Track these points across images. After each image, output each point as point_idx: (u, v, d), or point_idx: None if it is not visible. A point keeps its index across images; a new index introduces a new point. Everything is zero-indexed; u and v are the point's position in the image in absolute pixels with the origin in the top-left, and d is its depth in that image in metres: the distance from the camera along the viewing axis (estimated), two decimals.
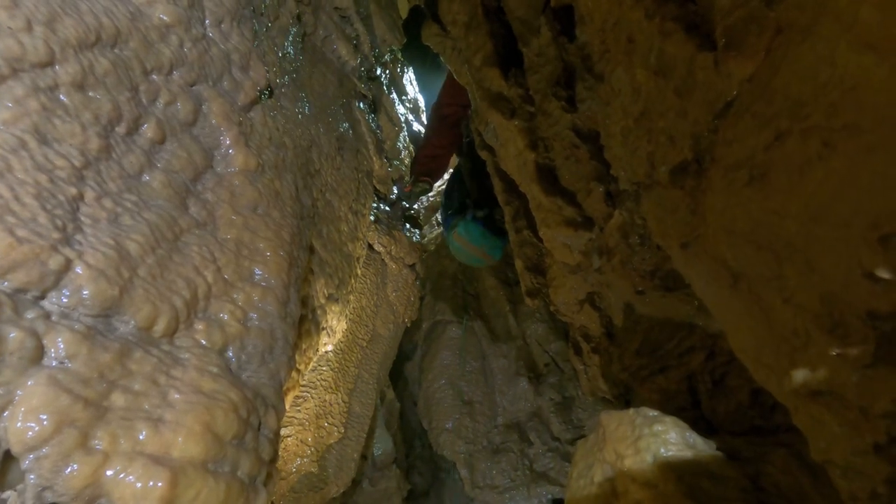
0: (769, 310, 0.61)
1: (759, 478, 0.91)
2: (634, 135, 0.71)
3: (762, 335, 0.68)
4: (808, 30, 0.37)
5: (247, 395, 0.83)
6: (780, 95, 0.42)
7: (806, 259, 0.48)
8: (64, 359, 0.64)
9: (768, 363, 0.68)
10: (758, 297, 0.63)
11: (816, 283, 0.48)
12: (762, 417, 1.07)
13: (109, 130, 0.88)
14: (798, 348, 0.57)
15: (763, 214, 0.48)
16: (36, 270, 0.65)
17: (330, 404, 2.26)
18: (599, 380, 1.68)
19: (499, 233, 2.75)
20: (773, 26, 0.41)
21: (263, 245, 1.09)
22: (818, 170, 0.40)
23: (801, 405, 0.56)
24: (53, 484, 0.58)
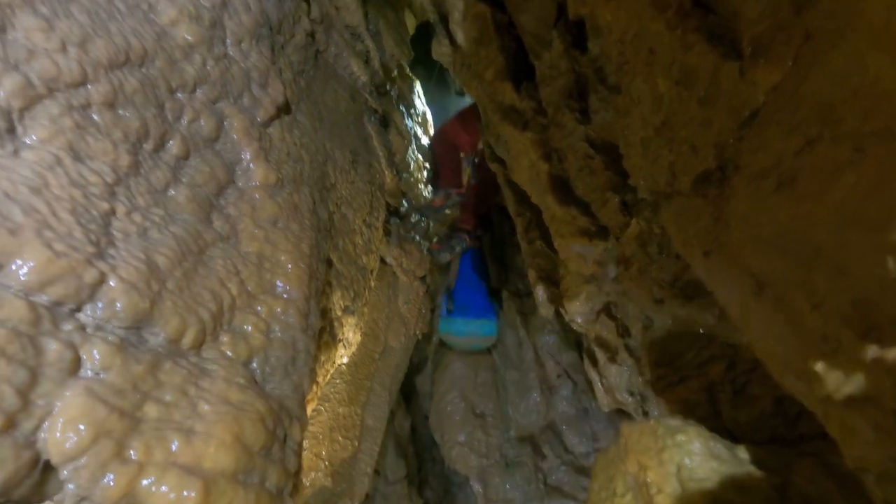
0: (797, 316, 0.61)
1: (785, 488, 0.89)
2: (655, 144, 0.72)
3: (790, 342, 0.68)
4: (838, 36, 0.38)
5: (273, 407, 0.83)
6: (808, 102, 0.43)
7: (837, 264, 0.48)
8: (99, 370, 0.65)
9: (797, 370, 0.68)
10: (785, 304, 0.63)
11: (848, 288, 0.48)
12: (786, 426, 1.06)
13: (138, 147, 0.90)
14: (828, 354, 0.57)
15: (791, 220, 0.49)
16: (73, 284, 0.66)
17: (343, 417, 2.26)
18: (616, 391, 1.67)
19: (482, 310, 2.74)
20: (802, 34, 0.42)
21: (284, 258, 1.10)
22: (850, 175, 0.41)
23: (834, 412, 0.56)
24: (91, 494, 0.58)
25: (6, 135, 0.70)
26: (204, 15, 1.15)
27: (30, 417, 0.56)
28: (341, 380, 2.19)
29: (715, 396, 1.23)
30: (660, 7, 0.60)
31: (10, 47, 0.73)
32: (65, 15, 0.83)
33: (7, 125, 0.70)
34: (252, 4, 1.36)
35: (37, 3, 0.79)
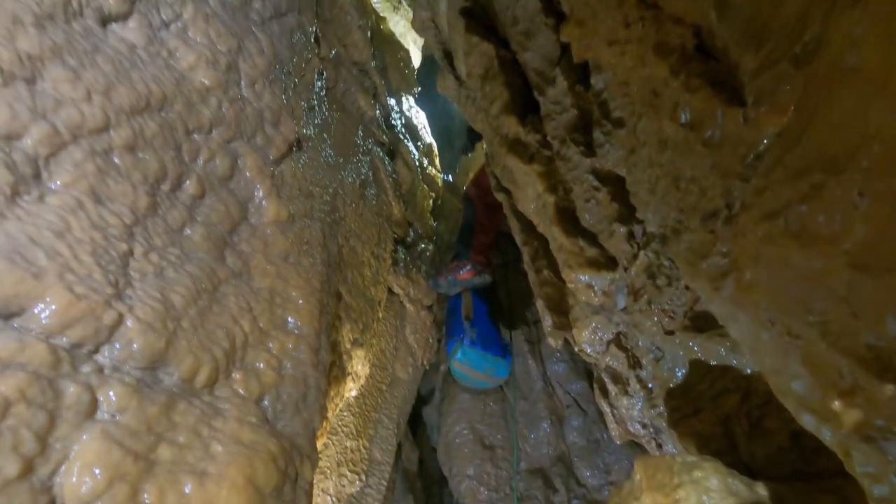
0: (812, 353, 0.61)
1: None
2: (662, 183, 0.73)
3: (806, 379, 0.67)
4: (838, 89, 0.40)
5: (284, 446, 0.83)
6: (812, 150, 0.44)
7: (849, 306, 0.49)
8: (115, 412, 0.65)
9: (814, 407, 0.67)
10: (798, 341, 0.63)
11: (862, 329, 0.48)
12: (804, 461, 1.04)
13: (156, 188, 0.93)
14: (846, 392, 0.56)
15: (802, 262, 0.50)
16: (92, 325, 0.68)
17: (351, 451, 2.23)
18: (628, 422, 1.64)
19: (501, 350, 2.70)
20: (802, 84, 0.43)
21: (295, 293, 1.11)
22: (857, 220, 0.42)
23: (855, 448, 0.55)
24: None
25: (32, 181, 0.73)
26: (220, 59, 1.20)
27: (47, 462, 0.57)
28: (349, 412, 2.17)
29: (730, 429, 1.20)
30: (662, 53, 0.62)
31: (38, 98, 0.77)
32: (91, 65, 0.87)
33: (33, 171, 0.73)
34: (265, 48, 1.41)
35: (65, 55, 0.83)
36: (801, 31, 0.42)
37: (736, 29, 0.50)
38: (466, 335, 2.67)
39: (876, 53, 0.35)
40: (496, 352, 2.73)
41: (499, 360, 2.72)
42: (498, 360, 2.72)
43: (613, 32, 0.76)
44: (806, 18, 0.42)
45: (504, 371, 2.79)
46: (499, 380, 2.84)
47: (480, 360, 2.67)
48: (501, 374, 2.79)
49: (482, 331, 2.76)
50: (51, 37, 0.82)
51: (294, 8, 1.66)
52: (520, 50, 1.57)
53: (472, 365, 2.69)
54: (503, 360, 2.75)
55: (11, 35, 0.75)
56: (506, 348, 2.86)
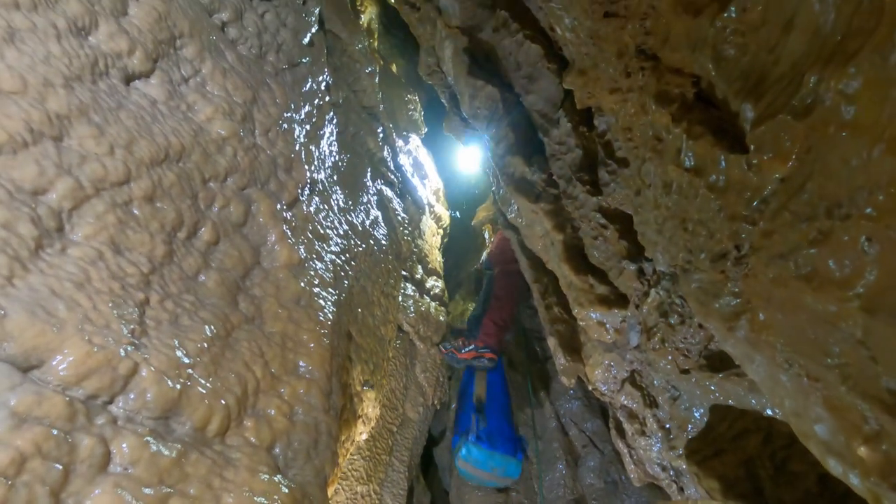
0: (832, 397, 0.60)
1: None
2: (669, 224, 0.74)
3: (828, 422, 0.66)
4: (837, 140, 0.41)
5: (296, 496, 0.81)
6: (816, 196, 0.45)
7: (867, 350, 0.48)
8: (128, 465, 0.65)
9: (839, 452, 0.66)
10: (818, 383, 0.62)
11: (882, 374, 0.48)
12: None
13: (172, 236, 0.95)
14: (871, 438, 0.55)
15: (816, 305, 0.50)
16: (108, 376, 0.68)
17: (362, 497, 2.16)
18: (647, 464, 1.59)
19: (511, 447, 2.51)
20: (803, 134, 0.44)
21: (307, 337, 1.11)
22: (868, 265, 0.42)
23: (886, 497, 0.53)
24: None
25: (55, 234, 0.75)
26: (236, 110, 1.25)
27: None
28: (359, 456, 2.12)
29: (754, 472, 1.16)
30: (664, 101, 0.64)
31: (64, 154, 0.80)
32: (114, 121, 0.91)
33: (57, 225, 0.75)
34: (279, 97, 1.47)
35: (91, 113, 0.87)
36: (798, 85, 0.43)
37: (734, 81, 0.52)
38: (472, 430, 2.48)
39: (871, 108, 0.37)
40: (506, 449, 2.52)
41: (508, 458, 2.51)
42: (507, 458, 2.51)
43: (615, 81, 0.79)
44: (801, 74, 0.43)
45: (514, 471, 2.55)
46: (508, 480, 2.62)
47: (487, 458, 2.46)
48: (511, 473, 2.56)
49: (493, 424, 2.56)
50: (78, 96, 0.86)
51: (306, 57, 1.74)
52: (523, 93, 1.62)
53: (477, 465, 2.48)
54: (513, 458, 2.53)
55: (42, 97, 0.80)
56: (517, 444, 2.63)
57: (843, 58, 0.38)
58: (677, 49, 0.62)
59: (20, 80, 0.78)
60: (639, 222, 0.86)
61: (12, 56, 0.78)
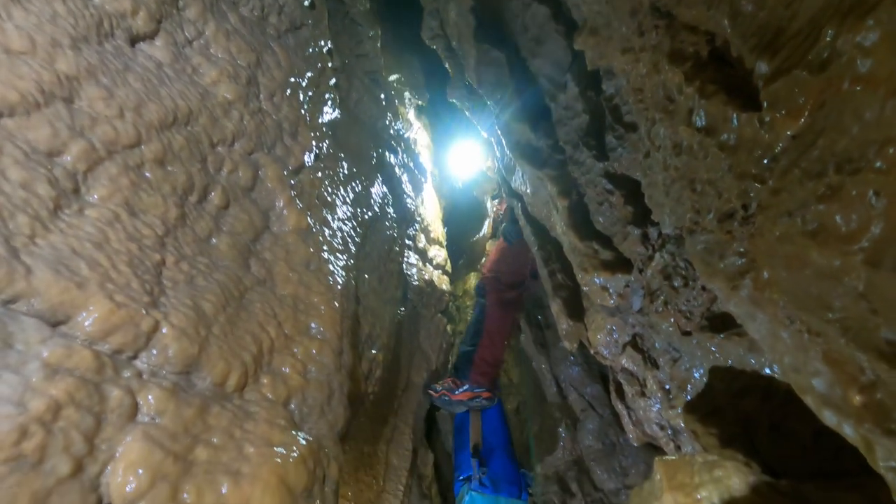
0: (832, 350, 0.62)
1: None
2: (678, 185, 0.75)
3: (825, 375, 0.68)
4: (852, 94, 0.41)
5: (312, 448, 0.85)
6: (828, 152, 0.45)
7: (868, 302, 0.50)
8: (154, 415, 0.68)
9: (836, 404, 0.68)
10: (818, 338, 0.64)
11: (881, 324, 0.50)
12: (828, 461, 1.04)
13: (184, 200, 0.96)
14: (867, 387, 0.57)
15: (820, 260, 0.51)
16: (131, 332, 0.71)
17: (368, 456, 2.24)
18: (646, 424, 1.64)
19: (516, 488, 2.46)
20: (817, 89, 0.45)
21: (317, 299, 1.14)
22: (874, 218, 0.43)
23: (878, 443, 0.56)
24: None
25: (72, 195, 0.76)
26: (241, 74, 1.24)
27: (95, 462, 0.59)
28: (366, 417, 2.19)
29: (751, 430, 1.21)
30: (677, 60, 0.64)
31: (76, 116, 0.81)
32: (122, 83, 0.91)
33: (73, 186, 0.76)
34: (283, 61, 1.45)
35: (99, 75, 0.87)
36: (815, 40, 0.43)
37: (750, 37, 0.52)
38: (474, 476, 2.43)
39: (887, 61, 0.37)
40: (510, 492, 2.50)
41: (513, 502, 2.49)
42: (512, 502, 2.49)
43: (627, 41, 0.78)
44: (819, 28, 0.43)
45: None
46: None
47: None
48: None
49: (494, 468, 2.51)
50: (86, 57, 0.86)
51: (308, 20, 1.70)
52: (530, 57, 1.60)
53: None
54: (518, 501, 2.52)
55: (51, 57, 0.79)
56: (521, 482, 2.61)
57: (861, 11, 0.38)
58: (693, 6, 0.61)
59: (28, 40, 0.77)
60: (647, 185, 0.87)
61: (19, 15, 0.78)
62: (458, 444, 2.72)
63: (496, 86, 1.76)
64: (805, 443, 1.06)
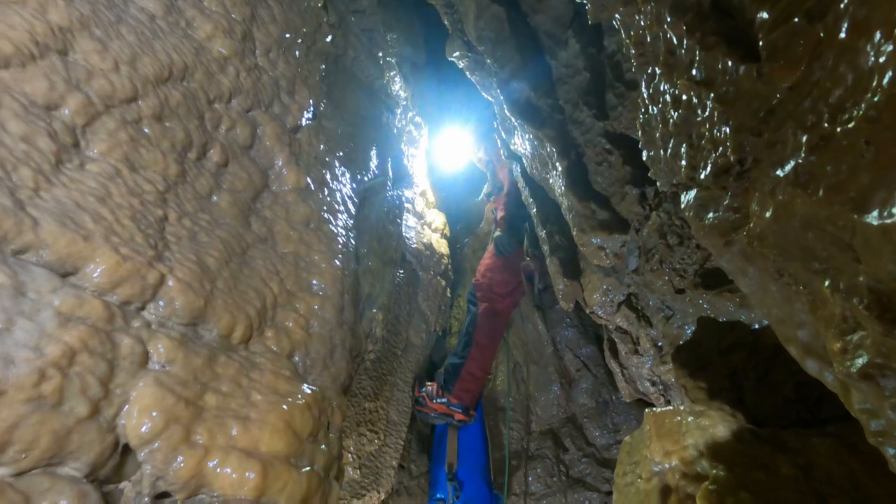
0: (817, 300, 0.64)
1: (809, 467, 0.92)
2: (675, 141, 0.75)
3: (810, 325, 0.71)
4: (849, 42, 0.42)
5: (317, 397, 0.89)
6: (822, 103, 0.46)
7: (853, 252, 0.52)
8: (165, 363, 0.71)
9: (818, 352, 0.71)
10: (803, 287, 0.66)
11: (864, 272, 0.52)
12: (808, 410, 1.09)
13: (183, 156, 0.96)
14: (847, 332, 0.60)
15: (809, 211, 0.52)
16: (138, 284, 0.72)
17: (369, 412, 2.32)
18: (637, 381, 1.70)
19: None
20: (815, 39, 0.45)
21: (318, 257, 1.16)
22: (863, 168, 0.44)
23: (855, 386, 0.59)
24: (165, 474, 0.64)
25: (72, 149, 0.76)
26: (236, 28, 1.21)
27: (111, 405, 0.62)
28: (367, 375, 2.25)
29: (738, 383, 1.25)
30: (679, 11, 0.63)
31: (71, 69, 0.80)
32: (116, 36, 0.89)
33: (73, 140, 0.77)
34: (277, 15, 1.42)
35: (92, 27, 0.85)
36: None
37: None
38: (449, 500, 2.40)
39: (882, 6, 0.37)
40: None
41: None
42: None
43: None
44: None
45: None
46: None
47: None
48: None
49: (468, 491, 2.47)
50: (78, 8, 0.84)
51: None
52: (531, 12, 1.56)
53: None
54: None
55: (42, 7, 0.78)
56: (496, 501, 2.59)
57: None
58: None
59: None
60: (644, 142, 0.88)
61: None
62: (436, 457, 2.70)
63: (496, 43, 1.72)
64: (788, 394, 1.10)
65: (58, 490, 0.54)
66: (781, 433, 1.02)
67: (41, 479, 0.54)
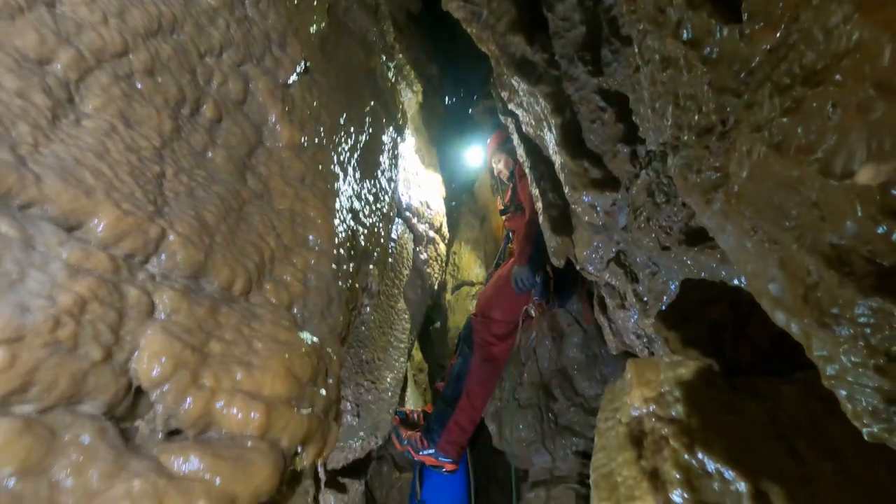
0: (786, 257, 0.68)
1: (776, 411, 1.00)
2: (663, 99, 0.77)
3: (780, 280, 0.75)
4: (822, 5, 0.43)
5: (315, 345, 0.94)
6: (797, 65, 0.48)
7: (819, 210, 0.55)
8: (170, 312, 0.75)
9: (786, 305, 0.76)
10: (776, 246, 0.70)
11: (827, 230, 0.55)
12: (780, 362, 1.15)
13: (177, 112, 0.97)
14: (811, 286, 0.64)
15: (781, 171, 0.55)
16: (140, 238, 0.75)
17: (366, 363, 2.41)
18: (624, 334, 1.77)
19: None
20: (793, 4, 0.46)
21: (314, 213, 1.18)
22: (830, 130, 0.46)
23: (815, 334, 0.64)
24: (176, 413, 0.70)
25: (67, 105, 0.77)
26: None
27: (122, 350, 0.67)
28: (364, 327, 2.33)
29: (718, 336, 1.32)
30: None
31: (60, 21, 0.79)
32: None
33: (67, 96, 0.77)
34: None
35: None
36: None
37: None
38: None
39: None
40: None
41: None
42: None
43: None
44: None
45: None
46: None
47: None
48: None
49: None
50: None
51: None
52: None
53: None
54: None
55: None
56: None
57: None
58: None
59: None
60: (634, 100, 0.89)
61: None
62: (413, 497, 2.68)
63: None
64: (762, 347, 1.17)
65: (79, 424, 0.59)
66: (754, 381, 1.08)
67: (63, 415, 0.59)
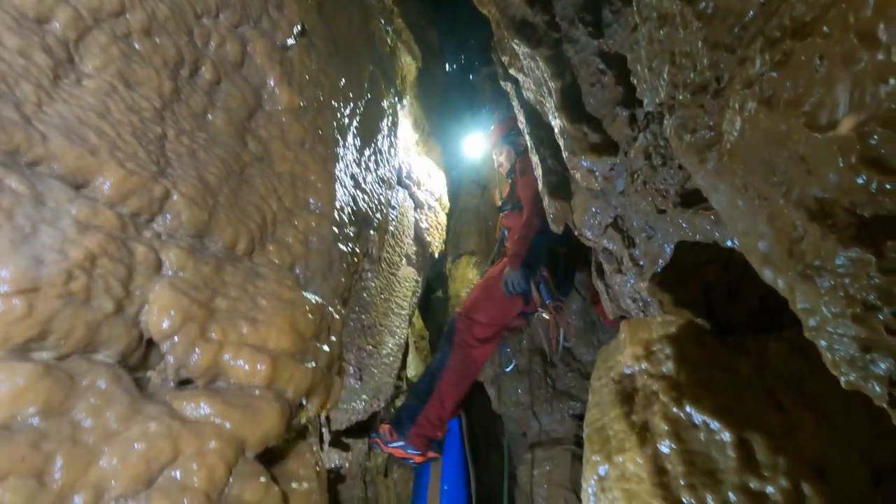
0: (774, 213, 0.70)
1: (763, 367, 1.03)
2: (659, 58, 0.77)
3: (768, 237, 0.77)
4: None
5: (318, 304, 0.97)
6: (787, 18, 0.48)
7: (805, 164, 0.56)
8: (177, 269, 0.77)
9: (774, 260, 0.78)
10: (765, 202, 0.72)
11: (813, 183, 0.57)
12: (769, 320, 1.19)
13: (176, 73, 0.97)
14: (797, 240, 0.66)
15: (771, 126, 0.56)
16: (145, 197, 0.77)
17: (368, 327, 2.47)
18: (620, 299, 1.80)
19: None
20: None
21: (314, 177, 1.19)
22: (817, 83, 0.47)
23: (798, 287, 0.66)
24: (186, 364, 0.73)
25: (67, 64, 0.78)
26: None
27: (132, 304, 0.70)
28: (366, 293, 2.37)
29: (711, 297, 1.35)
30: None
31: None
32: None
33: (67, 55, 0.78)
34: None
35: None
36: None
37: None
38: None
39: None
40: None
41: None
42: None
43: None
44: None
45: None
46: None
47: None
48: None
49: None
50: None
51: None
52: None
53: None
54: None
55: None
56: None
57: None
58: None
59: None
60: (632, 60, 0.88)
61: None
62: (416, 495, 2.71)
63: None
64: (753, 307, 1.20)
65: (95, 371, 0.62)
66: (743, 339, 1.12)
67: (80, 362, 0.62)
